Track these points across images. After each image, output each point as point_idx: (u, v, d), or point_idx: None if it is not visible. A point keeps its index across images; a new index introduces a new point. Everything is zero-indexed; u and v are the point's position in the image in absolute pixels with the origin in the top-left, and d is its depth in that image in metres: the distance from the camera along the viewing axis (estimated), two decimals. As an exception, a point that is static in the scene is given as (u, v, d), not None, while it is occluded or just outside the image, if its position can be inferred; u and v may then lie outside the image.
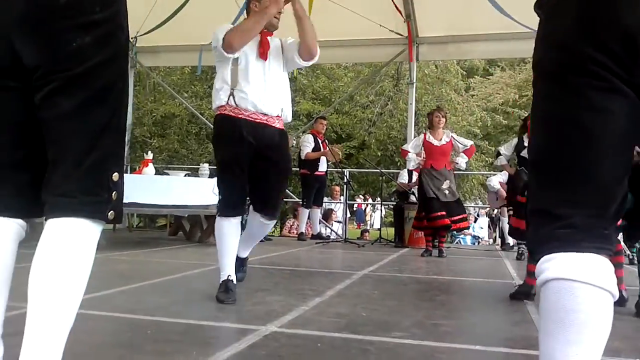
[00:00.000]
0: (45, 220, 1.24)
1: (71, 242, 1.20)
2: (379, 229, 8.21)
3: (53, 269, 1.17)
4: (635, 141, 1.04)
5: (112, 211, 1.25)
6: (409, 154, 6.17)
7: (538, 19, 1.12)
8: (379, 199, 10.05)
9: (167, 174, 6.62)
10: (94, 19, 1.23)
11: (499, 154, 6.28)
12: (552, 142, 1.04)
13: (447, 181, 6.05)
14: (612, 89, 0.98)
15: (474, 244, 10.97)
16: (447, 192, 6.00)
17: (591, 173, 1.00)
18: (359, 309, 2.87)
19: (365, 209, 17.82)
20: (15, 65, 1.22)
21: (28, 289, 1.18)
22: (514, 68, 18.98)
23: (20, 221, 1.31)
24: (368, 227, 14.89)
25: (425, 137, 6.14)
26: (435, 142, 6.09)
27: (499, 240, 10.64)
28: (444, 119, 6.22)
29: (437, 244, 6.17)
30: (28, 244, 1.36)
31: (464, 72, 16.50)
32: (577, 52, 0.99)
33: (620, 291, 3.10)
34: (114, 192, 1.27)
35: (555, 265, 0.98)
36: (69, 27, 1.20)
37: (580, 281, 0.95)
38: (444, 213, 5.97)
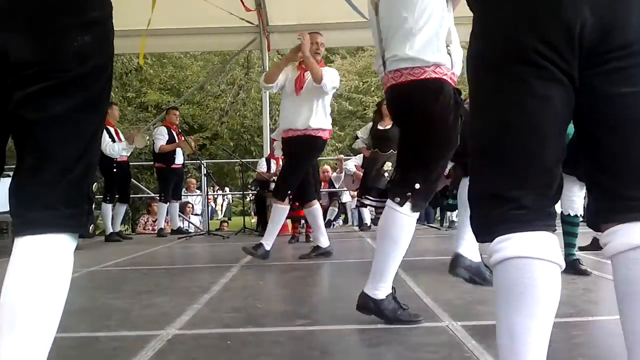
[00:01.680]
0: (17, 235, 1.09)
1: (54, 266, 1.07)
2: (244, 219, 8.18)
3: (36, 298, 1.04)
4: (566, 125, 1.16)
5: (92, 224, 1.14)
6: (275, 141, 6.14)
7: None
8: (227, 188, 9.99)
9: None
10: (94, 18, 1.12)
11: (356, 137, 6.58)
12: (498, 128, 1.12)
13: None
14: (552, 78, 1.08)
15: (333, 225, 11.32)
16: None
17: (537, 156, 1.10)
18: (252, 300, 2.87)
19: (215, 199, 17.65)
20: None
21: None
22: (354, 55, 19.83)
23: None
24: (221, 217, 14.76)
25: None
26: None
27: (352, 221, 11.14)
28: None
29: (303, 230, 6.31)
30: None
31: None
32: (520, 44, 1.08)
33: None
34: (92, 204, 1.16)
35: (513, 244, 1.07)
36: (70, 23, 1.09)
37: (537, 258, 1.06)
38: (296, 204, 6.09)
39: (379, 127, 6.36)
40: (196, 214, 10.58)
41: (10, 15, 1.06)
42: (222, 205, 18.32)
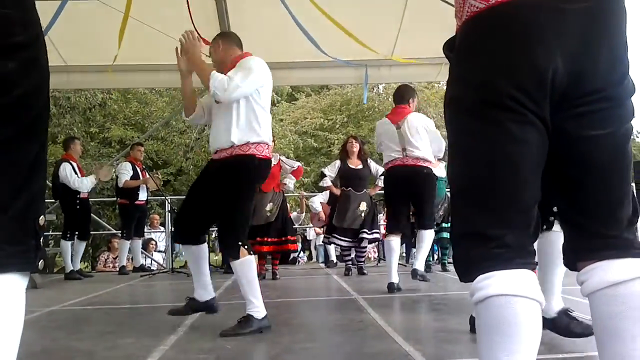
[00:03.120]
0: None
1: (4, 309, 1.00)
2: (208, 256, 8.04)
3: None
4: (542, 166, 1.19)
5: (41, 259, 1.07)
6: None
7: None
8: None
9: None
10: (17, 42, 1.04)
11: (323, 175, 6.60)
12: (478, 170, 1.15)
13: (271, 204, 6.16)
14: (527, 121, 1.13)
15: (297, 262, 11.25)
16: (268, 213, 6.11)
17: (517, 196, 1.13)
18: (220, 341, 2.80)
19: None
20: None
21: None
22: (318, 93, 20.09)
23: None
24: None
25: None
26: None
27: (318, 258, 11.11)
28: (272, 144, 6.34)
29: (270, 267, 6.25)
30: None
31: (278, 98, 17.04)
32: (496, 90, 1.12)
33: None
34: (40, 238, 1.09)
35: (495, 282, 1.09)
36: None
37: (519, 295, 1.07)
38: (266, 239, 6.06)
39: (350, 165, 6.42)
40: (159, 251, 10.38)
41: None
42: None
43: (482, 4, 1.16)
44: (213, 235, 10.41)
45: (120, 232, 7.72)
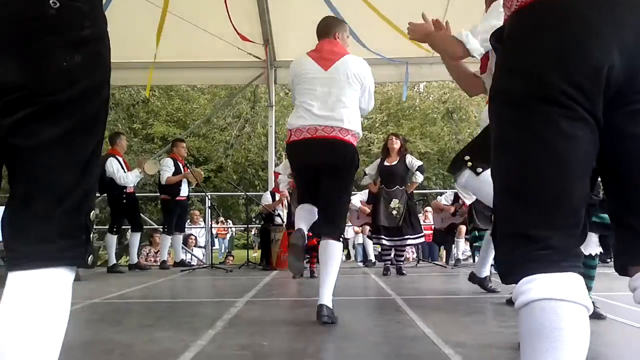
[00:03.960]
0: (10, 270, 1.02)
1: (52, 302, 1.01)
2: (247, 252, 8.10)
3: (31, 339, 0.98)
4: (592, 164, 1.13)
5: (90, 255, 1.08)
6: (280, 176, 6.13)
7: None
8: (229, 221, 9.90)
9: None
10: (84, 36, 1.05)
11: (365, 174, 6.57)
12: (524, 167, 1.09)
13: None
14: (578, 117, 1.06)
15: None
16: None
17: (564, 196, 1.07)
18: (257, 337, 2.79)
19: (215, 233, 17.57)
20: None
21: None
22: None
23: None
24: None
25: None
26: None
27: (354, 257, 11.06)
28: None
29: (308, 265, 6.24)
30: None
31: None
32: (547, 83, 1.06)
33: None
34: (90, 233, 1.10)
35: (539, 285, 1.03)
36: (58, 42, 1.02)
37: (564, 300, 1.02)
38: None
39: (386, 163, 6.37)
40: (199, 247, 10.51)
41: (1, 33, 1.00)
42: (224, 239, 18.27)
43: None
44: (253, 232, 10.50)
45: (161, 227, 7.84)
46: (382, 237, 6.24)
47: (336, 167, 3.21)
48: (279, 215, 7.51)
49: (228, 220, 15.57)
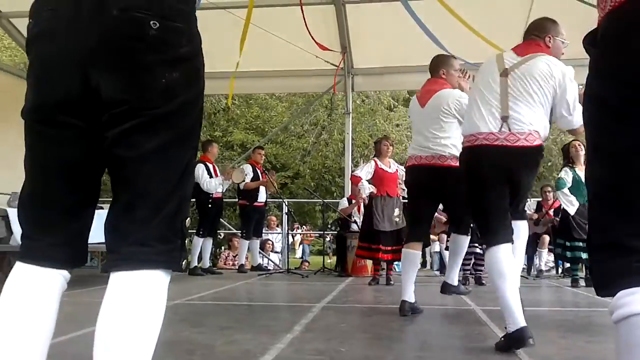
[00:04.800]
0: (112, 270, 1.11)
1: (149, 302, 1.08)
2: (323, 259, 8.15)
3: (131, 335, 1.06)
4: None
5: (184, 259, 1.15)
6: (362, 180, 6.06)
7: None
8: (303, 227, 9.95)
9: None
10: (182, 54, 1.13)
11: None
12: (620, 175, 1.04)
13: (397, 209, 6.01)
14: None
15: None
16: (397, 219, 5.96)
17: None
18: (334, 343, 2.80)
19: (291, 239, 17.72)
20: (86, 99, 1.10)
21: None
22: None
23: (65, 272, 1.18)
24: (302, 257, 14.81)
25: (376, 165, 6.00)
26: (388, 169, 6.06)
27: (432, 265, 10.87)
28: (391, 147, 6.26)
29: (384, 272, 6.19)
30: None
31: (395, 103, 16.94)
32: None
33: None
34: (185, 239, 1.17)
35: None
36: (158, 60, 1.10)
37: None
38: (388, 248, 5.95)
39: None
40: (275, 252, 10.67)
41: (99, 53, 1.09)
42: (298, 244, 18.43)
43: None
44: (328, 238, 10.55)
45: (240, 231, 8.02)
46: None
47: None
48: (355, 222, 7.50)
49: (303, 226, 15.75)
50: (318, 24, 7.40)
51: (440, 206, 7.82)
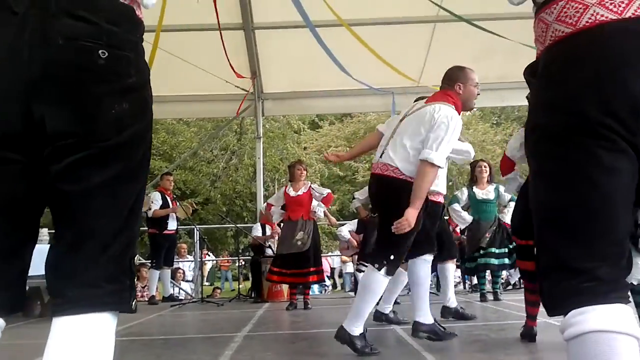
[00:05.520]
0: (55, 315, 1.02)
1: (98, 349, 1.00)
2: (239, 285, 8.02)
3: None
4: (634, 196, 1.14)
5: (134, 299, 1.08)
6: (272, 207, 6.13)
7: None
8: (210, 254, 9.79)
9: None
10: (131, 84, 1.07)
11: (354, 197, 6.58)
12: (566, 200, 1.10)
13: (301, 232, 6.09)
14: (619, 149, 1.07)
15: (321, 292, 11.06)
16: (299, 242, 6.03)
17: (608, 228, 1.08)
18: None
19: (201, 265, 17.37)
20: (28, 133, 1.01)
21: None
22: (341, 121, 20.17)
23: (0, 321, 1.07)
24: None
25: (285, 190, 6.18)
26: (292, 193, 6.15)
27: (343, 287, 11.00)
28: (305, 171, 6.34)
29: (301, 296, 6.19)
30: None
31: (304, 127, 17.15)
32: (586, 117, 1.07)
33: (532, 328, 3.31)
34: (134, 278, 1.10)
35: (590, 318, 1.03)
36: (107, 91, 1.04)
37: (617, 331, 1.02)
38: (288, 271, 6.02)
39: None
40: (187, 281, 10.38)
41: (44, 85, 1.02)
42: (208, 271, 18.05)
43: (568, 29, 1.12)
44: (242, 263, 10.41)
45: (149, 261, 7.74)
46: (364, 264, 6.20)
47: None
48: (269, 246, 7.47)
49: (211, 253, 15.45)
50: (228, 49, 7.37)
51: (353, 227, 8.05)
